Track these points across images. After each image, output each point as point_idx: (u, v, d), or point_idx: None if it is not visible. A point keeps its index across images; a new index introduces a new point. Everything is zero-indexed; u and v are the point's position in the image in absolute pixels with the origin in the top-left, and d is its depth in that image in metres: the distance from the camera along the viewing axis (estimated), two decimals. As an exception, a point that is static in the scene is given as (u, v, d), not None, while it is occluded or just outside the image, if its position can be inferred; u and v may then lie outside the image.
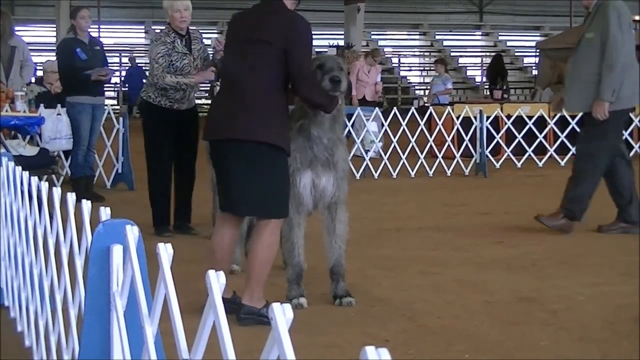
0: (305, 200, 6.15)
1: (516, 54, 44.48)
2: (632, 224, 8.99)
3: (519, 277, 7.21)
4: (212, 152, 6.07)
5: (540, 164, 15.78)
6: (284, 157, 5.79)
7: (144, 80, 12.77)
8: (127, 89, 33.89)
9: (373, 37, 43.49)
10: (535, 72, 36.18)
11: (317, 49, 37.77)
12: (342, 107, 6.38)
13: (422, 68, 43.39)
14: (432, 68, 30.75)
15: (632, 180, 9.08)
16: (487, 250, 8.36)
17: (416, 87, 40.95)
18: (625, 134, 16.56)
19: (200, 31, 9.50)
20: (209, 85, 28.57)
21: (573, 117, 16.45)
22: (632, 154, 16.61)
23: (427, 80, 33.26)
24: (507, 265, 7.69)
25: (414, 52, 45.16)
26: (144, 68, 31.51)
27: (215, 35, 40.07)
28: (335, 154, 6.18)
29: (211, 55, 8.83)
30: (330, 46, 36.32)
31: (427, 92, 25.32)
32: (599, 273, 7.35)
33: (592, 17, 8.97)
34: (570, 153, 16.00)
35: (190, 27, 9.02)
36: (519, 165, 15.78)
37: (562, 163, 15.81)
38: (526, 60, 43.13)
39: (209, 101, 25.83)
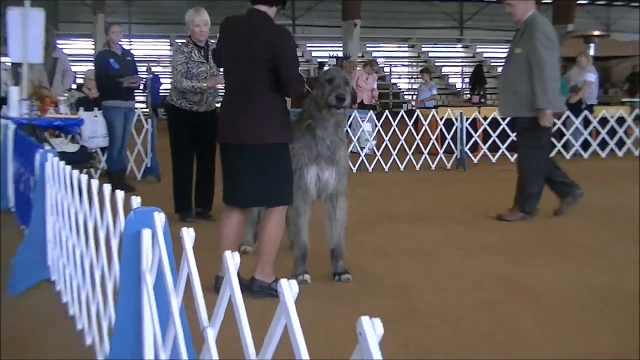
0: (310, 190, 6.20)
1: (492, 64, 44.35)
2: (528, 213, 9.14)
3: (499, 261, 7.14)
4: (220, 152, 6.01)
5: (512, 159, 15.72)
6: (285, 148, 5.79)
7: (161, 87, 12.67)
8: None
9: (368, 49, 43.34)
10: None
11: (318, 59, 37.78)
12: (345, 114, 6.36)
13: (410, 76, 43.23)
14: (418, 76, 30.60)
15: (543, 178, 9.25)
16: (470, 237, 8.33)
17: (405, 93, 40.83)
18: (585, 134, 16.60)
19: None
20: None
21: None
22: (589, 151, 16.67)
23: (415, 86, 33.13)
24: (488, 250, 7.62)
25: (403, 62, 45.06)
26: (159, 76, 31.50)
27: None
28: (337, 152, 6.20)
29: None
30: (330, 57, 36.31)
31: (414, 97, 25.21)
32: (565, 256, 7.34)
33: (521, 33, 9.03)
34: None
35: (211, 40, 9.03)
36: (493, 160, 15.78)
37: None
38: (500, 69, 43.00)
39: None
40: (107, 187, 4.04)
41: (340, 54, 35.82)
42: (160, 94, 29.24)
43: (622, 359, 4.57)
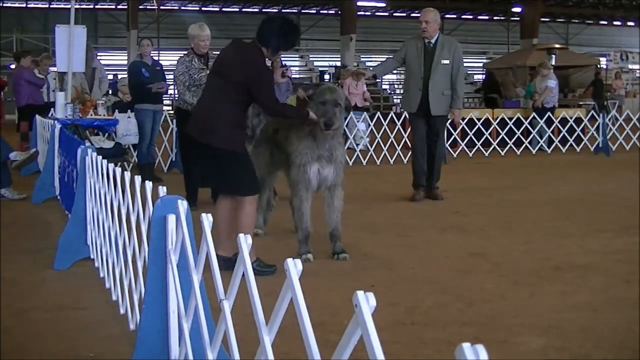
0: (312, 183, 6.21)
1: (468, 72, 44.34)
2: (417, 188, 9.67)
3: (470, 238, 7.21)
4: (191, 140, 5.93)
5: (486, 154, 15.75)
6: (239, 154, 5.71)
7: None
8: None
9: (362, 59, 43.31)
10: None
11: (320, 68, 37.79)
12: (342, 124, 6.40)
13: (399, 82, 43.21)
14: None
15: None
16: (447, 218, 8.35)
17: (394, 97, 40.81)
18: (548, 132, 16.58)
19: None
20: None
21: (511, 119, 16.46)
22: (552, 147, 16.65)
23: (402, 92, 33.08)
24: (461, 229, 7.68)
25: (392, 71, 45.00)
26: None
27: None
28: (335, 152, 6.22)
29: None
30: (330, 66, 36.34)
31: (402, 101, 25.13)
32: (530, 235, 7.36)
33: (440, 47, 9.32)
34: (508, 146, 16.06)
35: (213, 52, 9.00)
36: (470, 155, 15.75)
37: (502, 153, 15.80)
38: (476, 77, 42.94)
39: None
40: (137, 178, 4.04)
41: (339, 64, 35.85)
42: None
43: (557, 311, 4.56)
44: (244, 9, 41.31)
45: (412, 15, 43.54)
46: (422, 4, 42.38)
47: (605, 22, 46.03)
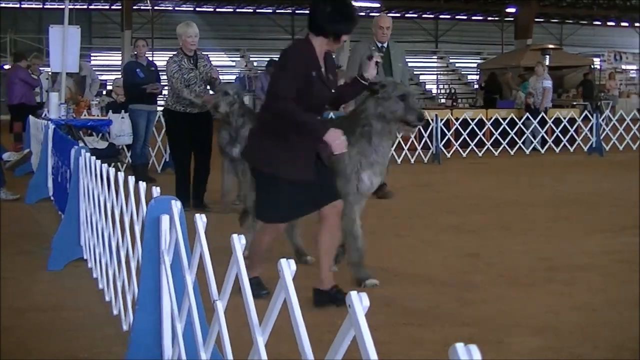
0: (364, 196, 5.52)
1: (462, 72, 44.39)
2: None
3: (466, 238, 7.21)
4: None
5: (480, 154, 15.76)
6: (278, 180, 4.76)
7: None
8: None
9: (357, 60, 43.30)
10: (476, 86, 36.04)
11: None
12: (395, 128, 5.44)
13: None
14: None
15: None
16: (443, 218, 8.35)
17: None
18: (542, 132, 16.59)
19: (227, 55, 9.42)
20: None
21: (504, 119, 16.48)
22: (545, 147, 16.67)
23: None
24: (457, 229, 7.68)
25: (386, 71, 45.05)
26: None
27: (238, 59, 40.04)
28: (387, 158, 5.52)
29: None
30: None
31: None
32: (526, 235, 7.37)
33: (394, 51, 9.79)
34: (502, 147, 16.08)
35: (203, 52, 8.97)
36: (464, 155, 15.75)
37: (496, 153, 15.81)
38: (470, 77, 43.01)
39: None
40: (131, 179, 4.02)
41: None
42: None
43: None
44: (237, 10, 41.29)
45: (407, 15, 43.66)
46: (415, 4, 42.65)
47: (599, 23, 46.16)
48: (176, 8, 39.90)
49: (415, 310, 4.81)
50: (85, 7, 37.37)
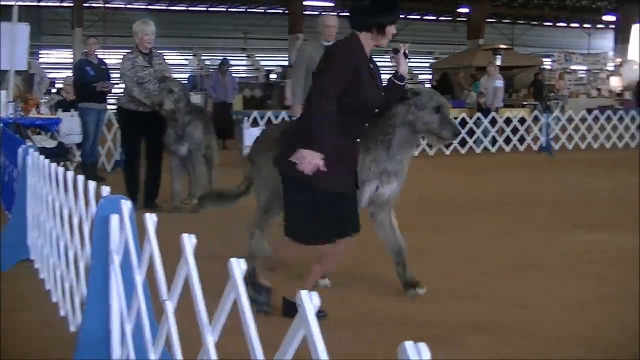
0: (362, 204, 5.11)
1: (414, 72, 44.70)
2: None
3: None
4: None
5: (432, 153, 15.87)
6: (288, 178, 4.36)
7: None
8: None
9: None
10: (428, 85, 36.29)
11: (266, 68, 37.66)
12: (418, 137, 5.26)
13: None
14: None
15: None
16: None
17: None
18: (492, 131, 16.78)
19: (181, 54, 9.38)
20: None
21: (455, 119, 16.61)
22: (496, 146, 16.86)
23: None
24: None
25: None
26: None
27: (190, 58, 39.79)
28: (403, 167, 5.20)
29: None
30: (276, 66, 36.35)
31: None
32: (482, 235, 7.45)
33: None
34: (453, 146, 16.20)
35: (158, 51, 8.92)
36: (416, 154, 15.83)
37: (448, 152, 15.93)
38: (422, 77, 43.30)
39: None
40: (80, 178, 3.99)
41: (287, 63, 35.87)
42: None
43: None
44: (190, 7, 41.05)
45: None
46: (369, 4, 42.78)
47: (549, 24, 46.83)
48: (128, 6, 39.53)
49: (382, 308, 4.77)
50: (35, 3, 36.84)
